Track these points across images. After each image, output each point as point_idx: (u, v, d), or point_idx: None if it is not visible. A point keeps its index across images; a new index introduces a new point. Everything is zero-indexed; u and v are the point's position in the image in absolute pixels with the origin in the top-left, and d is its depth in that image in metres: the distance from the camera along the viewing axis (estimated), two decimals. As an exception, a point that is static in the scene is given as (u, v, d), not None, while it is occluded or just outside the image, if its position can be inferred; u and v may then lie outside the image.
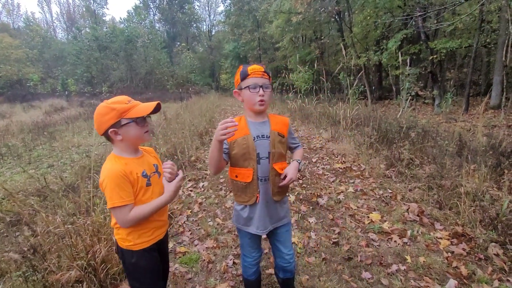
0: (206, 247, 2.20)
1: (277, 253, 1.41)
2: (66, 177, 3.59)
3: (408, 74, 7.74)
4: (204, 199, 3.15)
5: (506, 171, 2.56)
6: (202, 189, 3.49)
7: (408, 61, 7.22)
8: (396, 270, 1.85)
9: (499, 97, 9.56)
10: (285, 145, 1.34)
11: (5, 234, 2.36)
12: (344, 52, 6.59)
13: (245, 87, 1.23)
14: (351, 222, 2.54)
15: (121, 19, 40.30)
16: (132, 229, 1.11)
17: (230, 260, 2.02)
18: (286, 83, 17.24)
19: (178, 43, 38.37)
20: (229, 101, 19.59)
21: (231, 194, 3.28)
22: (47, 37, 36.39)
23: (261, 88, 1.20)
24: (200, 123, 6.69)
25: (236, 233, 2.38)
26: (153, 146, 4.21)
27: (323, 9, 11.20)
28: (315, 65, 11.14)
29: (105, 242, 1.75)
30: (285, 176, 1.24)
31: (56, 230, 1.74)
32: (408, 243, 2.16)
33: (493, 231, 2.06)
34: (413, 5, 9.94)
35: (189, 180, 3.73)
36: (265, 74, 1.22)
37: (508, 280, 1.68)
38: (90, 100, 18.10)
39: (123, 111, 1.06)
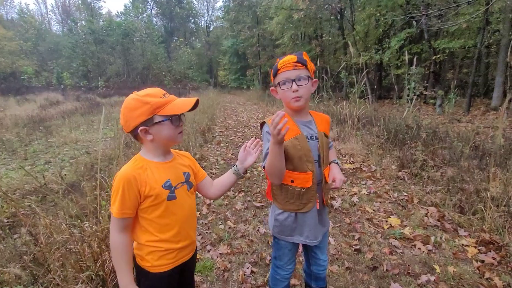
0: (220, 253, 2.06)
1: (312, 260, 1.30)
2: (65, 175, 3.41)
3: (413, 74, 7.65)
4: (212, 201, 3.01)
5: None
6: (209, 189, 3.34)
7: (414, 60, 7.12)
8: (426, 281, 1.73)
9: (500, 98, 9.54)
10: (328, 145, 1.21)
11: (2, 236, 2.20)
12: (351, 50, 6.45)
13: (277, 84, 1.09)
14: (369, 226, 2.42)
15: (118, 12, 39.69)
16: (153, 249, 0.96)
17: (248, 268, 1.88)
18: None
19: (176, 38, 37.89)
20: (228, 98, 19.40)
21: (241, 195, 3.14)
22: (41, 29, 35.64)
23: (293, 82, 1.04)
24: (202, 120, 6.52)
25: (251, 238, 2.25)
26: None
27: (326, 5, 11.02)
28: (317, 63, 11.02)
29: (114, 250, 1.60)
30: (333, 180, 1.14)
31: (60, 237, 1.58)
32: (433, 251, 2.05)
33: (524, 239, 1.97)
34: (416, 4, 9.85)
35: (195, 180, 3.58)
36: (299, 64, 1.05)
37: (548, 294, 1.58)
38: (86, 94, 17.74)
39: (157, 106, 0.90)
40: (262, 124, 1.16)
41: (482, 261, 1.89)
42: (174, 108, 0.92)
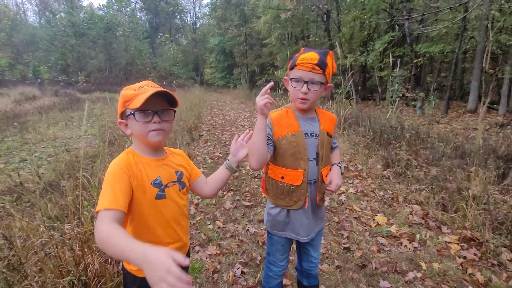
0: (209, 254, 2.01)
1: (304, 256, 1.30)
2: (43, 173, 3.22)
3: (396, 76, 7.89)
4: (200, 200, 2.94)
5: (511, 176, 2.59)
6: (197, 188, 3.27)
7: (398, 63, 7.35)
8: (413, 278, 1.78)
9: (475, 101, 10.06)
10: (330, 145, 1.19)
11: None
12: (337, 51, 6.54)
13: (291, 78, 1.06)
14: (357, 225, 2.46)
15: (100, 5, 38.17)
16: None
17: (238, 269, 1.85)
18: (272, 80, 17.18)
19: (161, 34, 37.01)
20: (214, 97, 19.20)
21: (229, 194, 3.10)
22: (16, 20, 33.63)
23: (305, 84, 1.01)
24: (189, 118, 6.40)
25: (241, 238, 2.22)
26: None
27: (313, 6, 11.14)
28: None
29: (97, 253, 1.52)
30: (330, 182, 1.12)
31: (38, 240, 1.48)
32: (418, 248, 2.11)
33: (502, 235, 2.06)
34: (399, 9, 10.18)
35: (182, 179, 3.49)
36: (316, 67, 1.00)
37: (526, 288, 1.66)
38: (66, 89, 16.93)
39: (126, 99, 0.85)
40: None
41: (465, 257, 1.96)
42: (136, 101, 0.82)
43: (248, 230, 2.34)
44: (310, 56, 1.01)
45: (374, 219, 2.54)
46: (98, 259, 1.49)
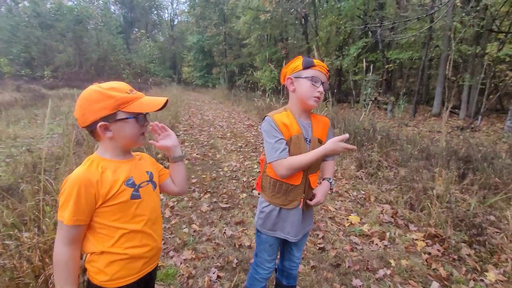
0: (184, 259, 1.95)
1: (287, 255, 1.33)
2: (0, 176, 2.94)
3: (369, 80, 8.25)
4: (176, 202, 2.86)
5: (470, 176, 2.80)
6: (172, 190, 3.17)
7: (371, 68, 7.69)
8: (383, 275, 1.85)
9: (440, 106, 10.82)
10: None
11: None
12: (315, 54, 6.71)
13: (305, 77, 1.09)
14: (332, 225, 2.52)
15: (69, -4, 35.81)
16: (115, 258, 0.85)
17: (214, 273, 1.81)
18: (251, 81, 17.23)
19: (137, 29, 35.59)
20: (192, 96, 18.85)
21: (206, 196, 3.04)
22: (-30, 7, 30.57)
23: (322, 85, 1.10)
24: (165, 117, 6.21)
25: (217, 241, 2.18)
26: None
27: (292, 9, 11.33)
28: (283, 65, 11.28)
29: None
30: (314, 195, 1.18)
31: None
32: (388, 246, 2.21)
33: (462, 232, 2.22)
34: (372, 16, 10.67)
35: (157, 181, 3.37)
36: (327, 73, 1.13)
37: (482, 280, 1.80)
38: (29, 84, 15.70)
39: (122, 101, 0.82)
40: (264, 117, 1.18)
41: (429, 253, 2.08)
42: (141, 106, 0.86)
43: (225, 233, 2.31)
44: (321, 63, 1.12)
45: (347, 219, 2.62)
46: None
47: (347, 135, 1.01)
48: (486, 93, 9.01)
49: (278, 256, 1.38)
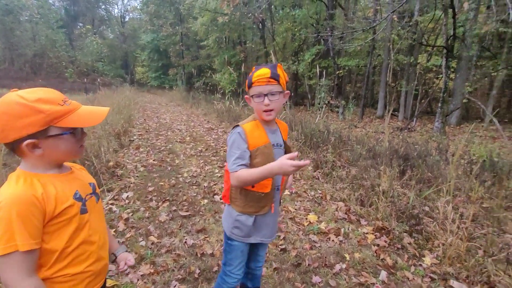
0: (141, 275, 1.83)
1: (253, 256, 1.38)
2: None
3: (323, 85, 8.79)
4: (131, 214, 2.67)
5: (408, 172, 3.16)
6: (127, 201, 2.96)
7: (324, 73, 8.21)
8: (339, 269, 1.99)
9: (383, 109, 12.04)
10: None
11: None
12: (272, 59, 6.91)
13: (251, 95, 1.14)
14: (292, 225, 2.62)
15: (-6, -19, 31.01)
16: (64, 279, 0.76)
17: (174, 287, 1.74)
18: (210, 83, 17.00)
19: (81, 24, 32.46)
20: (147, 98, 17.88)
21: (165, 205, 2.91)
22: None
23: (266, 97, 1.10)
24: (117, 121, 5.76)
25: (178, 252, 2.10)
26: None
27: (250, 14, 11.51)
28: (242, 68, 11.38)
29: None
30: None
31: None
32: (343, 241, 2.38)
33: (404, 223, 2.50)
34: (324, 25, 11.44)
35: (108, 191, 3.11)
36: (272, 80, 1.10)
37: (420, 265, 2.05)
38: None
39: (55, 116, 0.72)
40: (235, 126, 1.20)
41: (378, 245, 2.30)
42: (80, 119, 0.76)
43: (185, 242, 2.24)
44: (262, 71, 1.11)
45: (306, 218, 2.75)
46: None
47: (295, 153, 0.97)
48: (419, 98, 10.30)
49: None
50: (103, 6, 35.24)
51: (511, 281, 1.70)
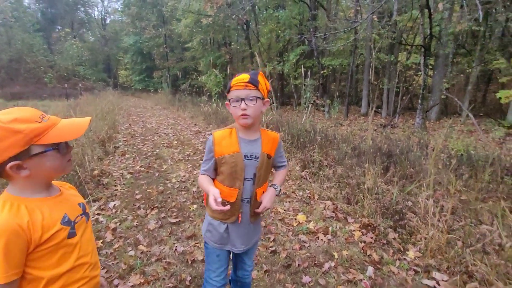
0: (131, 286, 1.82)
1: (239, 265, 1.38)
2: None
3: (308, 85, 8.91)
4: (119, 223, 2.63)
5: (392, 169, 3.27)
6: (114, 210, 2.91)
7: (308, 73, 8.32)
8: (328, 268, 2.04)
9: (366, 107, 12.34)
10: (271, 165, 1.27)
11: None
12: (257, 59, 6.95)
13: (229, 100, 1.14)
14: (282, 226, 2.66)
15: (-38, -17, 29.40)
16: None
17: (166, 295, 1.74)
18: (196, 85, 16.85)
19: (60, 27, 31.35)
20: (132, 102, 17.53)
21: (153, 212, 2.88)
22: None
23: (243, 101, 1.09)
24: (101, 128, 5.63)
25: (168, 260, 2.09)
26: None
27: (234, 15, 11.51)
28: (228, 69, 11.35)
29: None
30: (260, 203, 1.21)
31: None
32: (331, 240, 2.44)
33: (388, 219, 2.59)
34: (307, 26, 11.61)
35: (94, 201, 3.05)
36: (249, 84, 1.09)
37: (404, 259, 2.14)
38: None
39: (35, 134, 0.70)
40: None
41: (364, 241, 2.37)
42: (61, 133, 0.75)
43: (176, 249, 2.23)
44: (241, 77, 1.11)
45: (295, 219, 2.80)
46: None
47: (219, 198, 1.03)
48: (400, 94, 10.64)
49: (231, 267, 1.41)
50: (82, 9, 34.21)
51: (488, 270, 1.81)
